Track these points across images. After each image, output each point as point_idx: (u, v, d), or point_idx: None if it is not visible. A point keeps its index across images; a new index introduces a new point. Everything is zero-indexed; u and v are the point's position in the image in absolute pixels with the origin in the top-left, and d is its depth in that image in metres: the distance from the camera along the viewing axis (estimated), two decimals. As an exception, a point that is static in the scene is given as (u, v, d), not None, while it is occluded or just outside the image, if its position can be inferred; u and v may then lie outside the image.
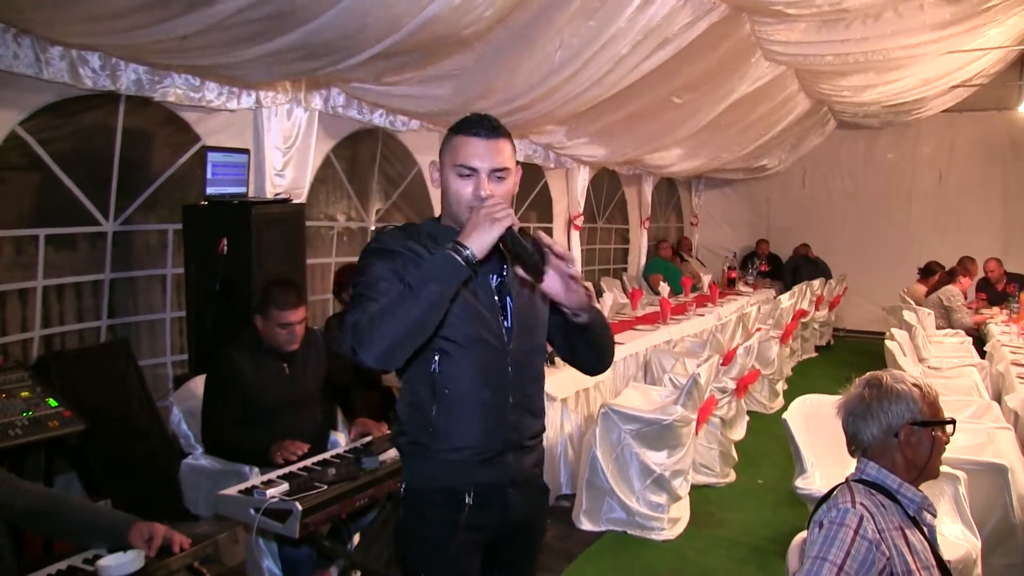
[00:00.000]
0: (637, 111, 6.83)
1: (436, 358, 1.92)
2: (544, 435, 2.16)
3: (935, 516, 2.11)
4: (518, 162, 2.00)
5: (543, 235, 1.87)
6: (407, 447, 2.02)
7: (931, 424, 2.07)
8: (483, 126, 1.90)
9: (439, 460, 1.96)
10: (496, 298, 1.97)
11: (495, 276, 1.99)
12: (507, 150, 1.93)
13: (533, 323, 2.04)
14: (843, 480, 2.13)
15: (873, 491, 2.03)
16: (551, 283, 1.89)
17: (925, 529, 2.04)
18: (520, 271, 1.82)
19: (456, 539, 1.94)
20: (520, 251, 1.80)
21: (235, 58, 3.86)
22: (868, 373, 2.19)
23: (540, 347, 2.08)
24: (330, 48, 3.93)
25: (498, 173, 1.90)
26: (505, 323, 1.97)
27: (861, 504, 1.95)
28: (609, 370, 5.38)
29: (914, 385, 2.10)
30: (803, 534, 2.20)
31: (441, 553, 1.95)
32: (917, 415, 2.06)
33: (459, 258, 1.73)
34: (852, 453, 2.19)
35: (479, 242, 1.75)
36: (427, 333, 1.78)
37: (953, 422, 2.12)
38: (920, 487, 2.07)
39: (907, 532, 1.97)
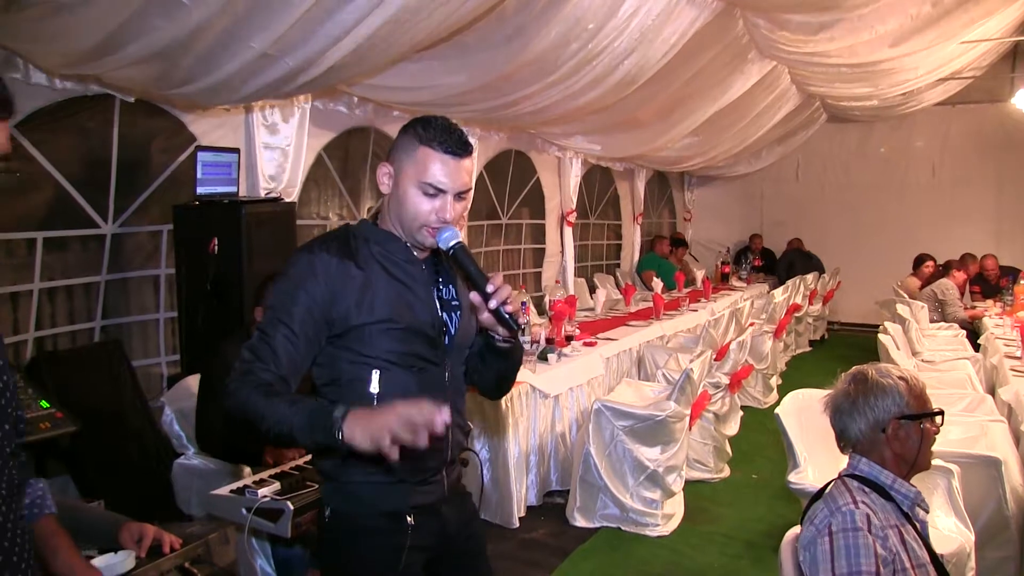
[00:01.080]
0: (633, 109, 6.84)
1: (375, 376, 1.81)
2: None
3: (928, 512, 2.10)
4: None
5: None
6: (334, 470, 1.88)
7: (919, 417, 2.05)
8: (454, 142, 1.80)
9: (376, 483, 1.85)
10: (440, 314, 1.91)
11: (434, 288, 1.93)
12: (470, 167, 1.86)
13: (464, 341, 1.99)
14: (836, 476, 2.12)
15: (867, 488, 2.01)
16: (484, 313, 1.80)
17: (918, 525, 2.02)
18: (473, 296, 1.78)
19: (400, 563, 1.86)
20: (470, 268, 1.79)
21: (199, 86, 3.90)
22: (853, 368, 2.19)
23: (465, 361, 2.05)
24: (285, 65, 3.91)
25: (462, 194, 1.84)
26: (446, 341, 1.92)
27: (863, 503, 1.93)
28: (602, 366, 5.43)
29: (900, 378, 2.09)
30: (796, 529, 2.19)
31: None
32: (904, 408, 2.05)
33: (333, 438, 1.58)
34: (842, 449, 2.18)
35: (357, 438, 1.56)
36: None
37: (941, 413, 2.10)
38: (912, 480, 2.06)
39: (902, 530, 1.96)
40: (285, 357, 1.75)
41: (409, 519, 1.88)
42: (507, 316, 1.77)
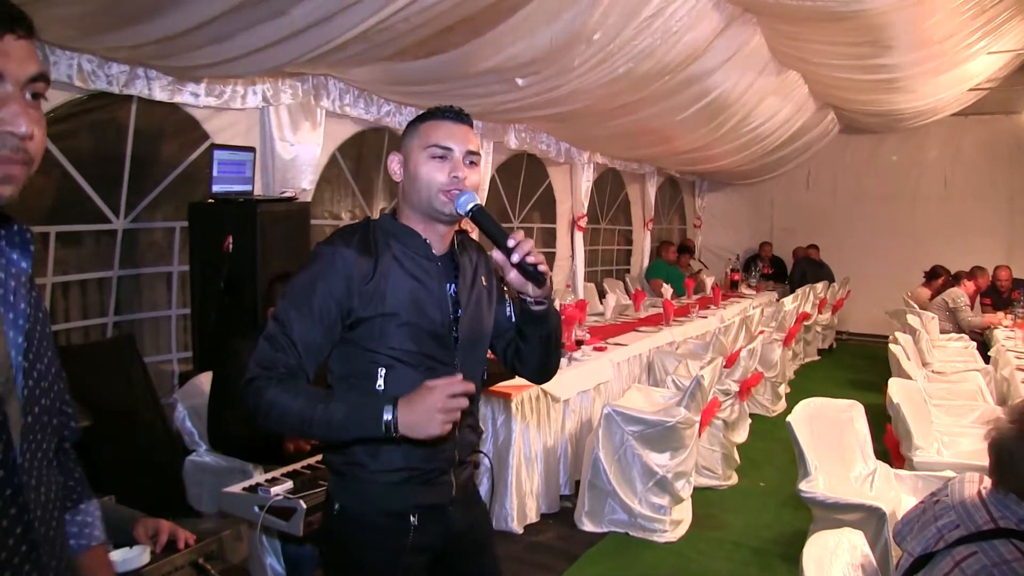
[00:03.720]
0: (648, 114, 6.85)
1: (382, 373, 1.83)
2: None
3: None
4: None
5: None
6: (343, 467, 1.90)
7: None
8: (452, 112, 1.86)
9: (381, 482, 1.86)
10: (449, 311, 1.89)
11: (450, 285, 1.91)
12: (476, 139, 1.89)
13: (479, 337, 1.98)
14: (985, 513, 1.82)
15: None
16: (510, 272, 1.80)
17: None
18: (496, 255, 1.77)
19: (401, 563, 1.87)
20: (490, 227, 1.78)
21: (218, 57, 3.89)
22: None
23: (482, 360, 2.04)
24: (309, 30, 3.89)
25: (471, 157, 1.85)
26: (455, 336, 1.90)
27: None
28: (612, 371, 5.43)
29: None
30: (821, 535, 2.17)
31: None
32: None
33: (383, 429, 1.67)
34: (997, 485, 1.89)
35: (413, 431, 1.67)
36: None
37: None
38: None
39: None
40: (303, 347, 1.78)
41: (413, 519, 1.87)
42: (531, 268, 1.75)
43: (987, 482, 1.93)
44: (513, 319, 2.05)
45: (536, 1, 4.33)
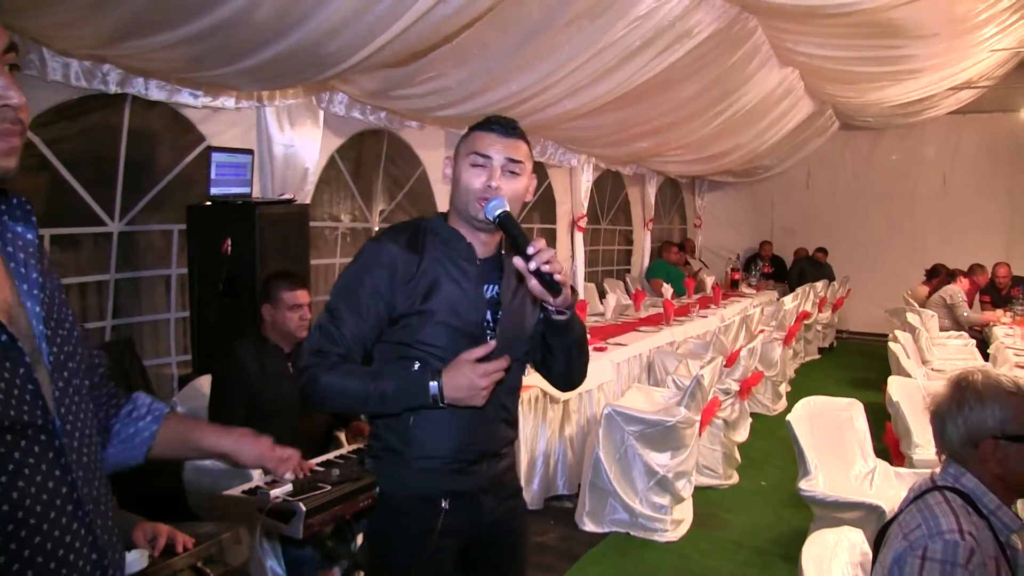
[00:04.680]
0: (644, 114, 6.84)
1: (415, 367, 1.93)
2: (516, 440, 2.17)
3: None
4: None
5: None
6: (381, 452, 2.03)
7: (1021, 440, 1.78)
8: (501, 123, 1.93)
9: (413, 468, 1.97)
10: (487, 311, 1.97)
11: (491, 286, 1.99)
12: (523, 149, 1.94)
13: (518, 334, 2.02)
14: (929, 479, 1.91)
15: (970, 508, 1.78)
16: (531, 280, 1.82)
17: (1009, 554, 1.80)
18: (516, 261, 1.79)
19: (430, 544, 1.95)
20: (514, 234, 1.80)
21: (223, 71, 3.94)
22: (960, 370, 1.99)
23: (521, 357, 2.07)
24: (314, 58, 3.98)
25: (512, 167, 1.90)
26: (490, 334, 1.96)
27: (969, 535, 1.69)
28: (612, 371, 5.43)
29: (1010, 392, 1.82)
30: (822, 534, 2.17)
31: (414, 558, 1.96)
32: (1006, 426, 1.78)
33: (429, 398, 1.85)
34: (938, 454, 1.95)
35: (459, 402, 1.85)
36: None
37: None
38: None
39: (999, 563, 1.73)
40: (351, 338, 1.91)
41: (444, 503, 1.96)
42: (547, 276, 1.76)
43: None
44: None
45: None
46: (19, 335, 1.11)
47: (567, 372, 2.09)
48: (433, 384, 1.83)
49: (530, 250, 1.75)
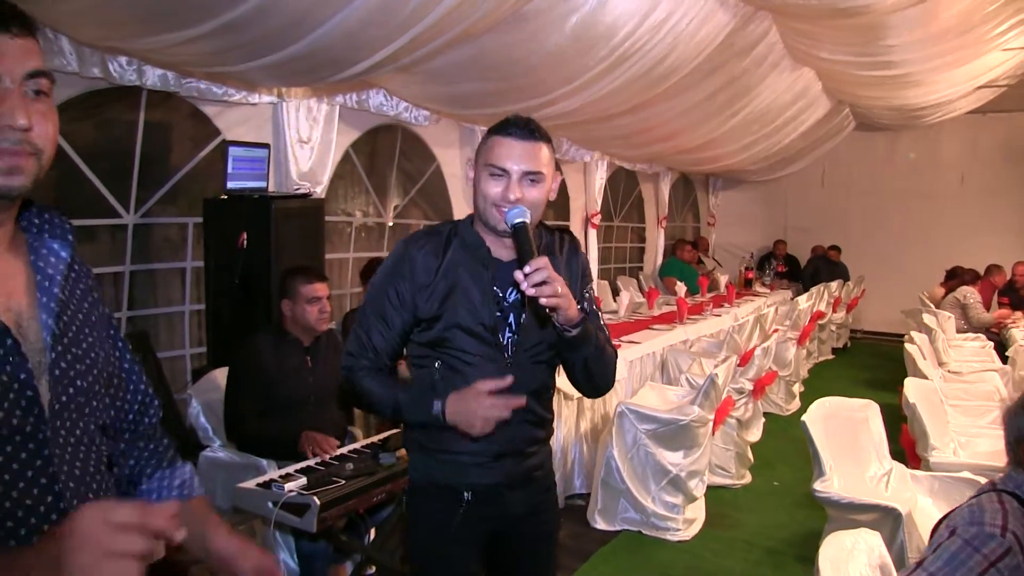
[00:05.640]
0: (663, 115, 6.82)
1: (437, 365, 2.00)
2: (549, 439, 2.17)
3: None
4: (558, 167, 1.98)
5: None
6: (411, 444, 2.13)
7: None
8: (519, 127, 1.88)
9: (438, 460, 2.04)
10: (511, 314, 1.98)
11: (514, 290, 1.96)
12: (543, 154, 1.90)
13: (541, 337, 2.00)
14: (990, 483, 1.88)
15: None
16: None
17: None
18: (516, 275, 1.76)
19: (454, 531, 2.03)
20: (523, 247, 1.79)
21: (242, 68, 3.96)
22: None
23: (549, 362, 2.06)
24: (331, 58, 3.99)
25: (531, 176, 1.87)
26: (509, 336, 1.98)
27: (1012, 533, 1.65)
28: (625, 369, 5.41)
29: None
30: (836, 536, 2.15)
31: (440, 543, 2.05)
32: None
33: (433, 416, 1.93)
34: (1009, 460, 1.90)
35: (459, 426, 1.91)
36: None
37: None
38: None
39: None
40: (379, 346, 2.02)
41: (467, 495, 2.03)
42: (534, 301, 1.75)
43: None
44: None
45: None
46: (25, 342, 1.12)
47: (589, 381, 2.07)
48: (436, 403, 1.92)
49: (527, 269, 1.73)
